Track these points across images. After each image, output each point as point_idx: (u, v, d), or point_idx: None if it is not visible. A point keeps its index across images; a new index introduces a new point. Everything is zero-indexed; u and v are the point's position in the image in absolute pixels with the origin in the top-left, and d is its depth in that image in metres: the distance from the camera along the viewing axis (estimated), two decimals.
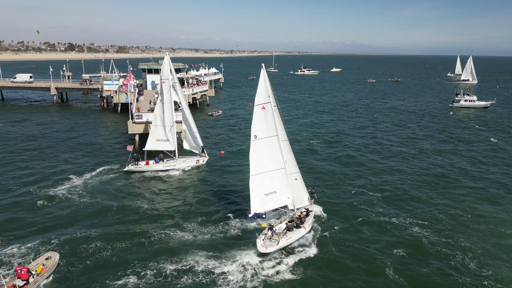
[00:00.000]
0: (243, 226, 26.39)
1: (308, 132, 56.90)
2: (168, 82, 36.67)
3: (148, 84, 73.61)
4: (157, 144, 38.33)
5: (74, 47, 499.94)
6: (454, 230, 26.55)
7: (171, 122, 37.54)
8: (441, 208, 30.07)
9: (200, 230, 25.79)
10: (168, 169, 37.11)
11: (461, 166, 40.79)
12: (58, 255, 20.95)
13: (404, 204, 30.75)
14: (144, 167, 36.75)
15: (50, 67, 78.79)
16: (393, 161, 42.66)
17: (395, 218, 28.21)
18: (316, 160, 42.34)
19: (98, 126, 58.24)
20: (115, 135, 52.25)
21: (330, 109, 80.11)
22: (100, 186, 33.17)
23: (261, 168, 24.42)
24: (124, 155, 42.55)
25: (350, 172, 38.23)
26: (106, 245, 23.61)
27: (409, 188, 34.14)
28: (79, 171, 36.65)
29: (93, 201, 30.03)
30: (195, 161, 38.69)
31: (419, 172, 38.58)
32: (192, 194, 32.44)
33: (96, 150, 44.23)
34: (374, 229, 26.56)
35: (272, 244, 22.81)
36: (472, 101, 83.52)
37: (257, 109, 24.08)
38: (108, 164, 38.68)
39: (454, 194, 33.09)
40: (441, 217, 28.46)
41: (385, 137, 54.57)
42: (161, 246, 23.80)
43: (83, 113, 69.95)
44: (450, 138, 54.11)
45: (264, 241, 23.01)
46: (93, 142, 48.00)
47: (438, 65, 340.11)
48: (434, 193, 33.29)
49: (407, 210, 29.76)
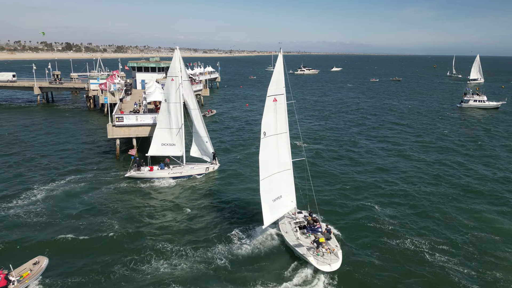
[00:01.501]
0: (259, 245, 22.44)
1: (324, 134, 52.26)
2: (177, 79, 32.97)
3: (138, 83, 68.85)
4: (162, 149, 34.47)
5: (72, 46, 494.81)
6: (481, 259, 21.93)
7: (179, 124, 34.11)
8: (467, 230, 25.44)
9: (208, 258, 21.32)
10: (174, 176, 33.22)
11: (485, 178, 36.10)
12: (47, 259, 19.79)
13: (423, 222, 26.10)
14: (147, 173, 32.95)
15: (34, 65, 73.99)
16: (404, 169, 38.00)
17: (413, 239, 23.56)
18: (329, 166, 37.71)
19: (79, 128, 53.46)
20: (95, 139, 47.44)
21: (336, 111, 75.44)
22: (66, 199, 28.58)
23: (270, 170, 21.95)
24: (102, 162, 37.94)
25: (360, 184, 33.55)
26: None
27: (426, 203, 29.48)
28: (44, 180, 32.05)
29: (54, 219, 25.38)
30: (204, 168, 34.93)
31: (439, 184, 33.92)
32: (197, 208, 28.12)
33: (69, 156, 39.48)
34: (388, 257, 21.91)
35: (333, 258, 19.77)
36: (482, 101, 78.88)
37: (268, 101, 21.36)
38: (80, 173, 34.06)
39: (480, 213, 28.43)
40: (464, 241, 23.83)
41: (392, 142, 49.89)
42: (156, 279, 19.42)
43: (67, 114, 65.20)
44: (472, 147, 49.37)
45: (319, 258, 19.87)
46: (69, 147, 43.19)
47: (445, 65, 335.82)
48: (456, 210, 28.63)
49: (427, 229, 25.11)
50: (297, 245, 20.86)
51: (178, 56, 33.00)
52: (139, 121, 39.08)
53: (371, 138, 51.00)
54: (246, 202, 28.90)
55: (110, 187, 31.41)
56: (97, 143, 45.51)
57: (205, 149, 35.60)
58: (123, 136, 39.13)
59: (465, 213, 27.76)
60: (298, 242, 21.08)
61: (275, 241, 22.93)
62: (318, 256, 19.84)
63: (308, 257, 19.76)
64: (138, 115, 39.28)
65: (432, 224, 25.94)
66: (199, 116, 34.57)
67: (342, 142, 48.20)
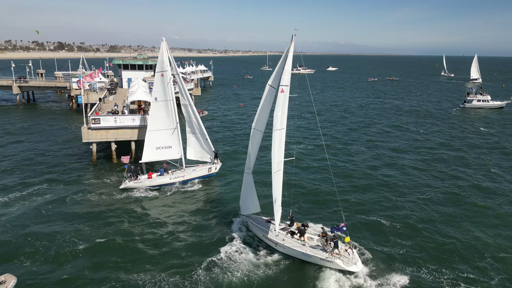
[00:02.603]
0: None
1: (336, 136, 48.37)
2: (167, 74, 29.95)
3: (124, 82, 64.52)
4: (157, 154, 31.02)
5: (64, 46, 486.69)
6: None
7: (173, 123, 30.94)
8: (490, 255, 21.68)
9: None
10: (175, 181, 30.42)
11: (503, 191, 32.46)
12: (14, 279, 17.59)
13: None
14: (146, 181, 29.56)
15: (12, 62, 69.15)
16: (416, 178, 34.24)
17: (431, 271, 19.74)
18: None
19: (55, 131, 48.87)
20: (71, 143, 42.91)
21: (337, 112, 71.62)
22: (31, 213, 24.34)
23: (279, 165, 20.32)
24: (75, 170, 33.62)
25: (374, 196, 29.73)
26: None
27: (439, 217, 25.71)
28: (5, 190, 27.75)
29: (11, 236, 21.18)
30: (206, 169, 32.11)
31: (452, 199, 30.20)
32: (205, 215, 25.18)
33: (38, 163, 35.07)
34: None
35: (354, 257, 19.15)
36: (486, 101, 75.56)
37: (278, 93, 20.16)
38: (48, 182, 29.84)
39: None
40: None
41: (399, 151, 46.16)
42: None
43: (46, 115, 60.65)
44: (483, 151, 45.80)
45: (343, 258, 19.05)
46: (40, 153, 38.70)
47: (439, 65, 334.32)
48: (476, 228, 24.89)
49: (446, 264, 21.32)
50: (310, 250, 19.57)
51: (165, 48, 29.75)
52: (119, 123, 34.89)
53: (368, 143, 47.22)
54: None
55: (81, 198, 27.23)
56: (72, 148, 41.10)
57: (205, 149, 32.42)
58: (100, 140, 34.89)
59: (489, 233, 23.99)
60: (308, 247, 19.86)
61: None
62: (342, 256, 19.04)
63: (332, 260, 18.74)
64: (117, 116, 35.04)
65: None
66: (194, 112, 31.34)
67: (344, 147, 44.38)
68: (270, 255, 20.46)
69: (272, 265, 19.56)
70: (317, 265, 19.27)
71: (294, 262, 19.81)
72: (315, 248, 19.72)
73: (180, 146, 31.68)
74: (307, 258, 19.57)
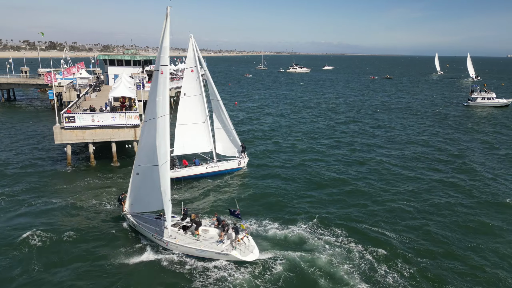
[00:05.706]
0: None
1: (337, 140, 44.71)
2: (196, 70, 29.78)
3: (111, 79, 60.28)
4: (188, 147, 30.54)
5: (56, 45, 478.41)
6: None
7: (204, 117, 30.77)
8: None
9: None
10: (211, 171, 30.45)
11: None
12: None
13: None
14: (183, 170, 29.25)
15: None
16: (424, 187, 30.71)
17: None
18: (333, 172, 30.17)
19: (30, 131, 44.42)
20: (45, 145, 38.57)
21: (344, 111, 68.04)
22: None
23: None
24: (48, 176, 29.43)
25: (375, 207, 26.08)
26: None
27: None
28: None
29: None
30: (237, 162, 32.16)
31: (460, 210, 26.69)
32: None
33: (5, 168, 30.91)
34: None
35: (250, 245, 18.51)
36: (490, 99, 72.54)
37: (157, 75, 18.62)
38: (14, 187, 25.72)
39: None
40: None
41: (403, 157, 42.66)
42: None
43: (25, 114, 56.20)
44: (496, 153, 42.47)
45: (239, 248, 18.31)
46: (7, 155, 34.59)
47: (434, 65, 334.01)
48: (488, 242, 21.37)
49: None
50: (204, 245, 18.31)
51: (193, 45, 29.24)
52: (97, 122, 30.83)
53: (371, 145, 43.68)
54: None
55: (54, 207, 23.18)
56: (45, 150, 36.77)
57: (233, 143, 32.55)
58: (76, 141, 30.81)
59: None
60: (202, 241, 18.65)
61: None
62: (238, 248, 18.20)
63: (228, 253, 17.82)
64: (95, 114, 30.93)
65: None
66: (221, 107, 31.51)
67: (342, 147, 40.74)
68: (164, 255, 18.59)
69: (166, 268, 17.72)
70: (213, 260, 18.22)
71: (191, 260, 18.38)
72: (209, 242, 18.67)
73: (210, 139, 31.60)
74: (202, 254, 18.38)
